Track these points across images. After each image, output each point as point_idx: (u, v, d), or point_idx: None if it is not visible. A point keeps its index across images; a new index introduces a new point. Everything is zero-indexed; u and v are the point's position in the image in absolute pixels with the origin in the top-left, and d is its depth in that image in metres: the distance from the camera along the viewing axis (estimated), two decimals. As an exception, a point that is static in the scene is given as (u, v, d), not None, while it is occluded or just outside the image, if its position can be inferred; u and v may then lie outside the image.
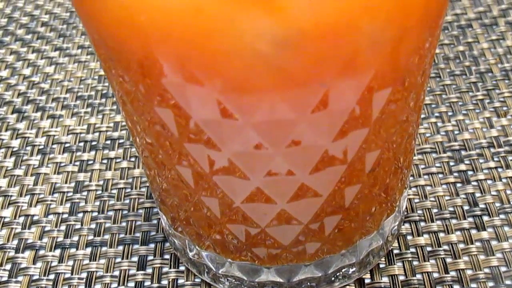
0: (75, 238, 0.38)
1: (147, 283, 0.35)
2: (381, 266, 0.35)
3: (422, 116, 0.42)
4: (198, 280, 0.35)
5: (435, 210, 0.38)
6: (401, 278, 0.35)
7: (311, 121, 0.25)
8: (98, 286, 0.35)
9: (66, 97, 0.46)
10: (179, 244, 0.35)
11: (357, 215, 0.31)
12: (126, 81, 0.27)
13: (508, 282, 0.34)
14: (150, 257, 0.37)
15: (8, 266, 0.37)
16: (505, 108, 0.43)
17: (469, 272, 0.35)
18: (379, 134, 0.28)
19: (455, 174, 0.39)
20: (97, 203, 0.40)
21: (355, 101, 0.25)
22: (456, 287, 0.34)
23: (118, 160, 0.42)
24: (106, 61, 0.27)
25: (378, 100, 0.26)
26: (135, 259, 0.37)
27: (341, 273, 0.34)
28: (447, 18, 0.50)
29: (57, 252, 0.37)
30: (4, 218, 0.39)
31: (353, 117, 0.26)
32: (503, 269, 0.34)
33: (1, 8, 0.54)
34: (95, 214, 0.39)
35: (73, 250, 0.37)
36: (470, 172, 0.39)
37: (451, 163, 0.40)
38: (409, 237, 0.36)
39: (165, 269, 0.36)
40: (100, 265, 0.36)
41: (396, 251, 0.36)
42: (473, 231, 0.36)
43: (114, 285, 0.36)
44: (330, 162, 0.27)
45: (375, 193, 0.31)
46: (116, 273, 0.36)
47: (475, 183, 0.39)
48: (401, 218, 0.36)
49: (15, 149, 0.43)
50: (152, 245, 0.37)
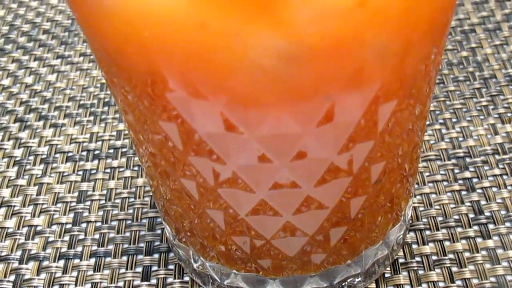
0: (79, 249, 0.38)
1: (152, 294, 0.35)
2: (387, 276, 0.35)
3: (427, 123, 0.42)
4: (203, 291, 0.35)
5: (440, 218, 0.37)
6: (407, 288, 0.35)
7: (317, 134, 0.25)
8: (103, 298, 0.35)
9: (69, 106, 0.46)
10: (184, 255, 0.35)
11: (363, 226, 0.31)
12: (130, 95, 0.26)
13: (515, 291, 0.34)
14: (155, 268, 0.36)
15: (12, 278, 0.37)
16: (510, 114, 0.43)
17: (475, 281, 0.34)
18: (385, 145, 0.28)
19: (460, 182, 0.39)
20: (101, 213, 0.39)
21: (361, 114, 0.25)
22: (462, 297, 0.34)
23: (121, 169, 0.42)
24: (110, 75, 0.27)
25: (384, 112, 0.26)
26: (139, 270, 0.36)
27: (347, 283, 0.34)
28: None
29: (61, 263, 0.37)
30: (8, 229, 0.39)
31: (359, 130, 0.26)
32: (509, 278, 0.34)
33: (2, 16, 0.54)
34: (99, 224, 0.39)
35: (77, 261, 0.37)
36: (475, 180, 0.39)
37: (456, 171, 0.40)
38: (415, 246, 0.36)
39: (170, 280, 0.36)
40: (104, 276, 0.36)
41: (402, 260, 0.36)
42: (479, 240, 0.36)
43: (119, 296, 0.35)
44: (336, 174, 0.27)
45: (381, 203, 0.31)
46: (121, 284, 0.36)
47: (480, 191, 0.39)
48: (406, 227, 0.36)
49: (18, 159, 0.43)
50: (156, 256, 0.37)
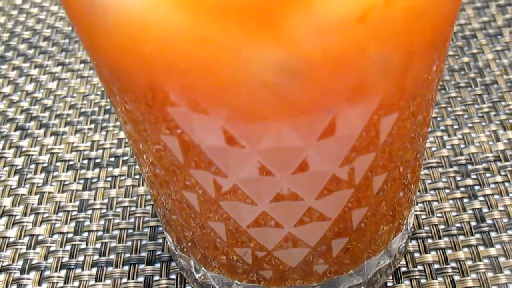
0: (81, 258, 0.38)
1: (154, 304, 0.35)
2: (389, 285, 0.35)
3: (428, 130, 0.42)
4: (205, 301, 0.35)
5: (442, 226, 0.37)
6: (409, 297, 0.34)
7: (318, 148, 0.25)
8: (104, 308, 0.35)
9: (70, 114, 0.46)
10: (185, 265, 0.35)
11: (365, 236, 0.31)
12: (131, 108, 0.26)
13: (517, 300, 0.34)
14: (156, 277, 0.36)
15: (14, 288, 0.37)
16: (511, 121, 0.42)
17: (478, 290, 0.34)
18: (387, 156, 0.28)
19: (462, 189, 0.39)
20: (102, 222, 0.39)
21: (362, 127, 0.25)
22: (465, 306, 0.34)
23: (123, 178, 0.42)
24: (110, 87, 0.27)
25: (386, 124, 0.26)
26: (141, 279, 0.36)
27: (349, 293, 0.34)
28: (451, 29, 0.49)
29: (63, 273, 0.37)
30: (9, 238, 0.39)
31: (361, 142, 0.26)
32: (511, 287, 0.34)
33: (3, 23, 0.54)
34: (100, 234, 0.39)
35: (79, 271, 0.37)
36: (477, 187, 0.39)
37: (458, 178, 0.40)
38: (417, 254, 0.36)
39: (172, 290, 0.36)
40: (106, 286, 0.36)
41: (404, 269, 0.36)
42: (481, 248, 0.36)
43: (121, 307, 0.35)
44: (337, 187, 0.27)
45: (383, 213, 0.31)
46: (122, 294, 0.36)
47: (482, 198, 0.38)
48: (408, 235, 0.36)
49: (19, 167, 0.43)
50: (158, 265, 0.37)
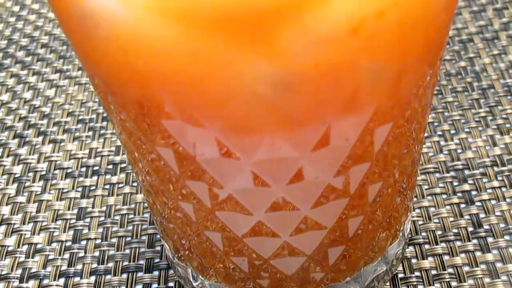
0: (79, 267, 0.38)
1: (152, 313, 0.35)
2: (386, 291, 0.35)
3: (425, 135, 0.42)
4: (203, 309, 0.35)
5: (439, 232, 0.37)
6: (407, 304, 0.35)
7: (313, 159, 0.25)
8: (103, 316, 0.35)
9: (67, 121, 0.46)
10: (183, 273, 0.35)
11: (361, 244, 0.31)
12: (126, 120, 0.26)
13: (514, 306, 0.34)
14: (155, 285, 0.37)
15: (13, 297, 0.37)
16: (508, 125, 0.42)
17: (475, 296, 0.34)
18: (382, 165, 0.28)
19: (459, 195, 0.39)
20: (100, 230, 0.40)
21: (357, 137, 0.25)
22: (462, 312, 0.34)
23: (121, 185, 0.42)
24: (105, 99, 0.27)
25: (380, 134, 0.26)
26: (140, 287, 0.36)
27: (346, 300, 0.34)
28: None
29: (61, 281, 0.37)
30: (8, 247, 0.39)
31: (355, 153, 0.26)
32: (509, 292, 0.34)
33: (0, 30, 0.54)
34: (99, 242, 0.39)
35: (77, 279, 0.37)
36: (474, 192, 0.39)
37: (455, 183, 0.40)
38: (414, 260, 0.36)
39: (170, 297, 0.36)
40: (104, 294, 0.36)
41: (401, 275, 0.36)
42: (478, 253, 0.36)
43: (119, 315, 0.36)
44: (332, 196, 0.27)
45: (379, 221, 0.31)
46: (121, 302, 0.36)
47: (479, 204, 0.38)
48: (405, 242, 0.36)
49: (17, 175, 0.43)
50: (156, 273, 0.37)
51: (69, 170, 0.43)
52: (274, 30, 0.21)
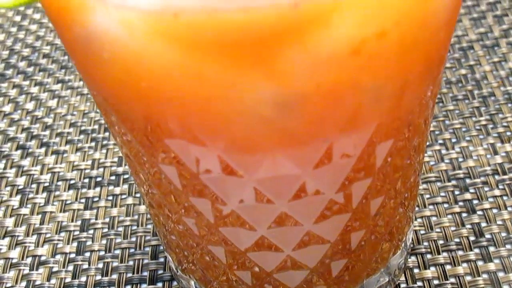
0: (83, 279, 0.38)
1: (156, 325, 0.36)
2: (389, 302, 0.35)
3: (426, 144, 0.42)
4: (207, 321, 0.35)
5: (441, 242, 0.38)
6: (409, 314, 0.35)
7: (315, 176, 0.25)
8: (107, 329, 0.36)
9: (70, 132, 0.46)
10: (186, 285, 0.35)
11: (364, 256, 0.31)
12: (128, 138, 0.27)
13: (516, 316, 0.34)
14: (158, 297, 0.37)
15: (17, 310, 0.37)
16: (509, 133, 0.43)
17: (477, 306, 0.35)
18: (384, 180, 0.28)
19: (460, 204, 0.39)
20: (104, 242, 0.40)
21: (358, 154, 0.25)
22: (464, 322, 0.34)
23: (124, 197, 0.42)
24: (109, 118, 0.27)
25: (382, 150, 0.26)
26: (143, 299, 0.37)
27: (349, 312, 0.34)
28: (448, 40, 0.49)
29: (66, 294, 0.37)
30: (12, 259, 0.39)
31: (356, 169, 0.26)
32: (511, 302, 0.35)
33: (2, 40, 0.54)
34: (102, 253, 0.39)
35: (81, 291, 0.37)
36: (475, 201, 0.39)
37: (456, 192, 0.40)
38: (416, 270, 0.36)
39: (174, 309, 0.36)
40: (109, 306, 0.37)
41: (403, 285, 0.36)
42: (480, 263, 0.36)
43: (123, 327, 0.36)
44: (335, 211, 0.28)
45: (382, 233, 0.31)
46: (125, 315, 0.36)
47: (481, 213, 0.39)
48: (408, 252, 0.36)
49: (21, 187, 0.43)
50: (160, 284, 0.37)
51: (72, 182, 0.43)
52: (276, 53, 0.21)
